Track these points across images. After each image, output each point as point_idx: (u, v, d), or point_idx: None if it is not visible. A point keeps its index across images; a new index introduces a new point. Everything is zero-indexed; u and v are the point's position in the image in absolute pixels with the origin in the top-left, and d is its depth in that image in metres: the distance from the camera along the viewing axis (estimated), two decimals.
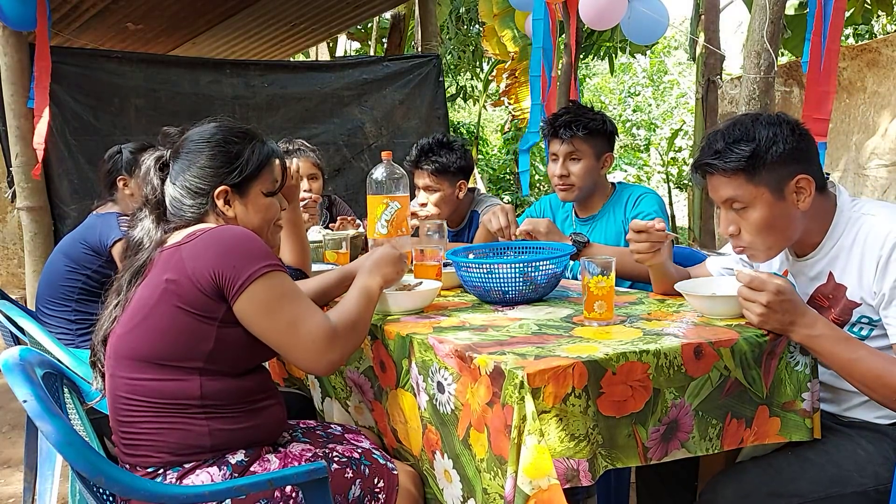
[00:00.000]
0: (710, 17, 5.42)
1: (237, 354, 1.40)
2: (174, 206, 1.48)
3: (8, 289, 5.32)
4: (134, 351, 1.37)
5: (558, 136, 2.31)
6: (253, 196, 1.51)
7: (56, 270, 2.62)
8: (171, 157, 1.50)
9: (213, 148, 1.47)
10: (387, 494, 1.47)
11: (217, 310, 1.35)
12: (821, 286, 1.56)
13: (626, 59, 13.63)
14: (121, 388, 1.39)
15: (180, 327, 1.34)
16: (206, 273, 1.33)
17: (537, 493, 1.13)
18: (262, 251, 1.38)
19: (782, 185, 1.47)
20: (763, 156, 1.45)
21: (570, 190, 2.35)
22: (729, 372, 1.36)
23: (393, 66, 5.30)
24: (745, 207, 1.50)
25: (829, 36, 2.80)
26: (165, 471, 1.37)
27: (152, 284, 1.37)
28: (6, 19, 3.69)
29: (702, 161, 1.53)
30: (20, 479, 2.66)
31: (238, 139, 1.50)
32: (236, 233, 1.39)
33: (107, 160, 2.67)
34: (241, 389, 1.41)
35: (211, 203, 1.47)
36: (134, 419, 1.37)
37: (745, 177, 1.47)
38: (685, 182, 11.09)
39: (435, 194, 2.65)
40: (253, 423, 1.42)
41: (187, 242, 1.37)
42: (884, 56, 4.94)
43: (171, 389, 1.36)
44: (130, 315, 1.39)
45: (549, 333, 1.43)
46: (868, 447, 1.46)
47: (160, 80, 4.51)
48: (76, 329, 2.57)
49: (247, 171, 1.49)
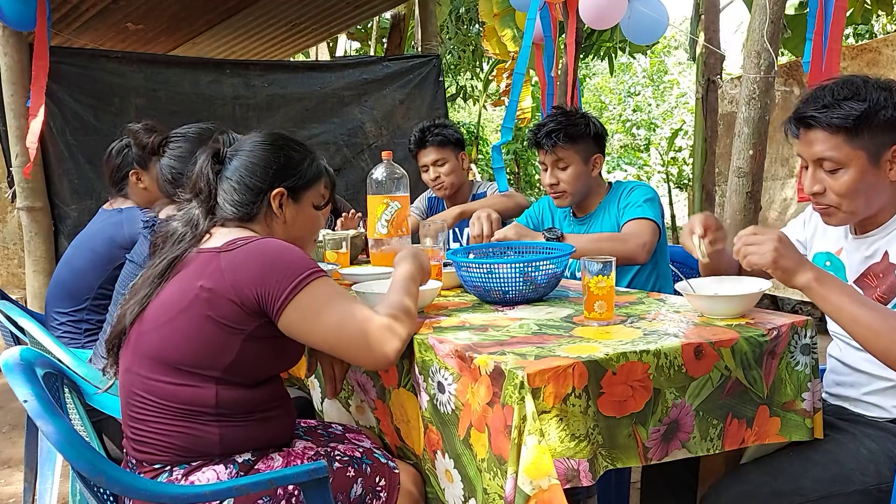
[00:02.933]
0: (710, 17, 5.42)
1: (256, 367, 1.41)
2: (225, 199, 1.49)
3: (8, 289, 5.31)
4: (155, 351, 1.37)
5: (542, 146, 2.33)
6: (304, 205, 1.55)
7: (74, 268, 2.55)
8: (228, 154, 1.51)
9: (276, 151, 1.52)
10: (388, 493, 1.47)
11: (248, 323, 1.35)
12: (874, 264, 1.53)
13: (626, 59, 13.63)
14: (136, 385, 1.39)
15: (206, 336, 1.34)
16: (248, 290, 1.33)
17: (538, 494, 1.13)
18: (304, 261, 1.39)
19: (881, 152, 1.44)
20: (871, 118, 1.41)
21: (563, 197, 2.37)
22: (729, 372, 1.36)
23: (393, 66, 5.30)
24: (836, 169, 1.46)
25: (831, 35, 2.80)
26: (172, 468, 1.38)
27: (184, 287, 1.37)
28: (6, 19, 3.68)
29: (806, 112, 1.47)
30: (20, 478, 2.66)
31: (299, 148, 1.57)
32: (278, 246, 1.40)
33: (115, 155, 2.61)
34: (254, 399, 1.42)
35: (266, 204, 1.49)
36: (145, 417, 1.38)
37: (846, 136, 1.43)
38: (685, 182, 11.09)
39: (444, 165, 2.96)
40: (263, 430, 1.44)
41: (227, 251, 1.37)
42: (884, 56, 4.94)
43: (186, 395, 1.36)
44: (157, 313, 1.38)
45: (550, 333, 1.43)
46: (871, 445, 1.46)
47: (160, 80, 4.50)
48: (85, 329, 2.55)
49: (304, 178, 1.54)
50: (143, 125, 2.16)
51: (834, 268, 1.63)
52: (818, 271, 1.41)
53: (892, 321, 1.34)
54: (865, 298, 1.42)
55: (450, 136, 2.97)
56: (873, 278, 1.53)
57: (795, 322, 1.44)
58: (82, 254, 2.57)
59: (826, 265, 1.65)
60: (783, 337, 1.42)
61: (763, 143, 2.94)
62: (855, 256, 1.58)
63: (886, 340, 1.33)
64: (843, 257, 1.61)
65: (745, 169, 2.90)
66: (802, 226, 1.78)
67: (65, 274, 2.60)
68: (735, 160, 2.95)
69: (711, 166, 5.45)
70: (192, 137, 2.08)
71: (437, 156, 2.96)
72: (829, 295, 1.38)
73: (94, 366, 2.17)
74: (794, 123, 1.51)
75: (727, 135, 5.75)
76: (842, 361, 1.62)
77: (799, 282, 1.40)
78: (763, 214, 4.95)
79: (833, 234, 1.65)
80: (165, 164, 2.07)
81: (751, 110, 2.90)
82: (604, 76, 17.39)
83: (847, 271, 1.59)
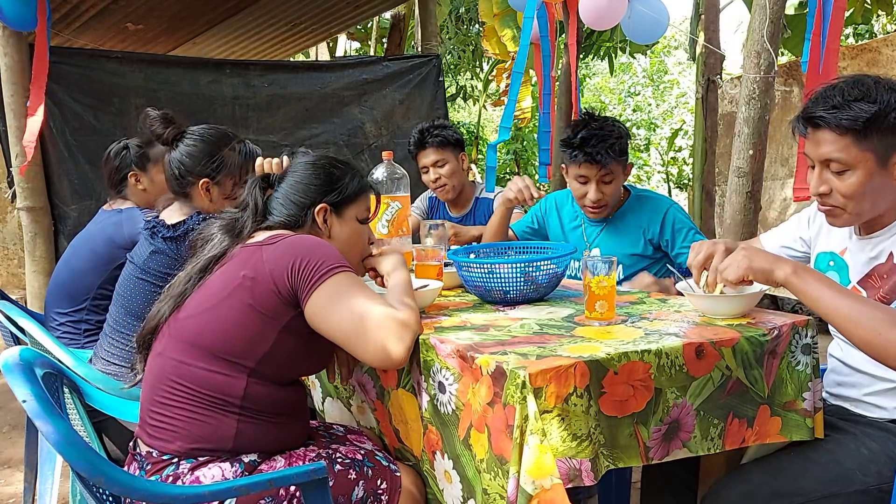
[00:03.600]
0: (710, 17, 5.40)
1: (288, 363, 1.44)
2: (275, 213, 1.58)
3: (8, 289, 5.32)
4: (194, 335, 1.41)
5: (594, 160, 2.17)
6: (348, 219, 1.63)
7: (74, 268, 2.56)
8: (277, 179, 1.62)
9: (317, 169, 1.62)
10: (389, 496, 1.47)
11: (285, 314, 1.40)
12: (879, 265, 1.53)
13: (626, 58, 13.63)
14: (167, 369, 1.42)
15: (244, 324, 1.39)
16: (283, 273, 1.39)
17: (540, 493, 1.12)
18: (336, 255, 1.45)
19: (889, 154, 1.42)
20: (881, 120, 1.39)
21: (602, 210, 2.29)
22: (730, 371, 1.36)
23: (393, 66, 5.30)
24: (843, 171, 1.44)
25: (829, 35, 2.79)
26: (180, 460, 1.39)
27: (228, 277, 1.43)
28: (6, 19, 3.68)
29: (815, 112, 1.44)
30: (20, 479, 2.66)
31: (341, 166, 1.65)
32: (316, 240, 1.48)
33: (113, 157, 2.63)
34: (279, 399, 1.45)
35: (310, 218, 1.58)
36: (170, 402, 1.40)
37: (854, 138, 1.41)
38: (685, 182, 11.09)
39: (445, 166, 2.98)
40: (277, 433, 1.45)
41: (270, 244, 1.44)
42: (884, 56, 4.94)
43: (217, 382, 1.39)
44: (198, 301, 1.44)
45: (551, 333, 1.42)
46: (871, 445, 1.46)
47: (160, 80, 4.50)
48: (84, 330, 2.55)
49: (345, 193, 1.61)
50: (163, 114, 2.14)
51: (837, 268, 1.62)
52: (794, 266, 1.41)
53: (870, 310, 1.33)
54: (845, 289, 1.42)
55: (449, 136, 2.98)
56: (877, 279, 1.53)
57: (796, 322, 1.45)
58: (82, 254, 2.57)
59: (829, 265, 1.64)
60: (784, 337, 1.42)
61: (763, 143, 2.93)
62: (859, 257, 1.58)
63: (865, 330, 1.32)
64: (846, 258, 1.61)
65: (745, 169, 2.90)
66: (807, 223, 1.76)
67: (64, 274, 2.60)
68: (735, 160, 2.95)
69: (711, 166, 5.45)
70: (210, 139, 2.08)
71: (436, 157, 2.97)
72: (806, 288, 1.39)
73: (94, 366, 2.16)
74: (803, 123, 1.49)
75: (727, 135, 5.74)
76: (843, 362, 1.62)
77: (778, 277, 1.41)
78: (763, 214, 4.95)
79: (837, 235, 1.65)
80: (175, 159, 2.06)
81: (751, 110, 2.90)
82: (604, 76, 17.38)
83: (850, 271, 1.59)
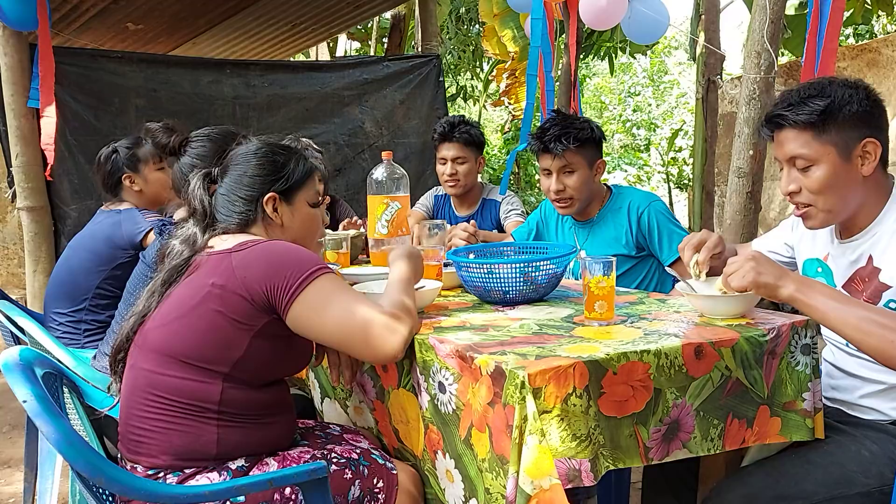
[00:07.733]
0: (711, 17, 5.40)
1: (263, 366, 1.42)
2: (223, 212, 1.53)
3: (8, 289, 5.32)
4: (163, 345, 1.39)
5: (549, 150, 2.25)
6: (298, 205, 1.58)
7: (73, 268, 2.56)
8: (219, 173, 1.57)
9: (259, 159, 1.56)
10: (386, 494, 1.47)
11: (258, 320, 1.38)
12: (860, 269, 1.55)
13: (626, 59, 13.63)
14: (140, 381, 1.40)
15: (215, 331, 1.36)
16: (257, 285, 1.36)
17: (539, 493, 1.12)
18: (311, 258, 1.42)
19: (850, 147, 1.47)
20: (836, 113, 1.45)
21: (569, 204, 2.32)
22: (730, 372, 1.36)
23: (393, 66, 5.29)
24: (808, 166, 1.49)
25: (827, 36, 2.78)
26: (166, 474, 1.37)
27: (195, 286, 1.40)
28: (6, 19, 3.68)
29: (774, 113, 1.53)
30: (20, 479, 2.66)
31: (284, 151, 1.59)
32: (287, 245, 1.44)
33: (104, 162, 2.64)
34: (258, 401, 1.43)
35: (260, 210, 1.53)
36: (146, 414, 1.38)
37: (814, 133, 1.47)
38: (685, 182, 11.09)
39: (464, 164, 3.02)
40: (262, 435, 1.44)
41: (238, 251, 1.41)
42: (884, 56, 4.94)
43: (191, 389, 1.37)
44: (166, 312, 1.41)
45: (550, 333, 1.42)
46: (872, 447, 1.46)
47: (160, 80, 4.50)
48: (84, 330, 2.55)
49: (292, 179, 1.57)
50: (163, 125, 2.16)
51: (824, 273, 1.63)
52: (800, 282, 1.41)
53: (879, 318, 1.34)
54: (851, 299, 1.43)
55: (475, 136, 3.03)
56: (860, 282, 1.54)
57: (796, 322, 1.44)
58: (81, 254, 2.57)
59: (818, 272, 1.65)
60: (783, 337, 1.42)
61: (763, 143, 2.93)
62: (841, 262, 1.59)
63: (877, 339, 1.33)
64: (830, 263, 1.62)
65: (744, 169, 2.90)
66: (790, 228, 1.79)
67: (63, 274, 2.60)
68: (735, 160, 2.94)
69: (711, 166, 5.45)
70: (216, 138, 2.08)
71: (458, 153, 3.00)
72: (813, 304, 1.39)
73: (98, 364, 2.17)
74: (767, 126, 1.56)
75: (727, 135, 5.75)
76: (836, 366, 1.63)
77: (782, 295, 1.41)
78: (763, 214, 4.95)
79: (820, 241, 1.66)
80: (186, 164, 2.06)
81: (751, 110, 2.89)
82: (604, 76, 17.38)
83: (835, 276, 1.60)
